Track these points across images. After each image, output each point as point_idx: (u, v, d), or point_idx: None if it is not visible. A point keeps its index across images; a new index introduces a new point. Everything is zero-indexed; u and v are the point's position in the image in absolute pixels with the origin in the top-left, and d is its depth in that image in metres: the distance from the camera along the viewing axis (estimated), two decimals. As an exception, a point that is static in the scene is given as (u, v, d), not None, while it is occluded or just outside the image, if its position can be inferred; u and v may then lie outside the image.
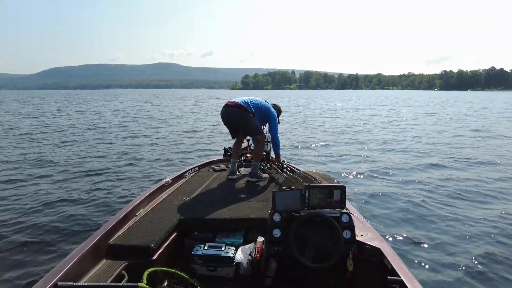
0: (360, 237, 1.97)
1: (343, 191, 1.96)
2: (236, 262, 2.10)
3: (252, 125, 3.31)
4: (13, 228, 3.78)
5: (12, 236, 3.60)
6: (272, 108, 3.55)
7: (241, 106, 3.26)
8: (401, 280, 1.53)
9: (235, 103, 3.28)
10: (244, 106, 3.27)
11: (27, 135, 11.86)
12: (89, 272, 1.72)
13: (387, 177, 6.05)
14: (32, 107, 30.05)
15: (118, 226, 2.12)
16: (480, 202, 4.73)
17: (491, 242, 3.53)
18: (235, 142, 3.60)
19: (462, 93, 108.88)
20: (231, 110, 3.29)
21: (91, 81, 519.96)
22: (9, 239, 3.52)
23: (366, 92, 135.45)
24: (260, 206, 2.55)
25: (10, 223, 3.93)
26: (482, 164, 7.14)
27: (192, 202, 2.68)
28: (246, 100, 3.35)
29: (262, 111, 3.43)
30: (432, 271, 3.01)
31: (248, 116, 3.28)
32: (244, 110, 3.26)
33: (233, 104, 3.28)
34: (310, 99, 48.82)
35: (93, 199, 4.80)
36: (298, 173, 2.45)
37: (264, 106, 3.46)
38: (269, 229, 1.96)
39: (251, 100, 3.40)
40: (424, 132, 12.59)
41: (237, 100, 3.31)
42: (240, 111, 3.26)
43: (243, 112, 3.26)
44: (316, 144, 10.00)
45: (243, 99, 3.36)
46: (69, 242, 3.47)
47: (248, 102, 3.34)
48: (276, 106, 3.76)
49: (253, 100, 3.40)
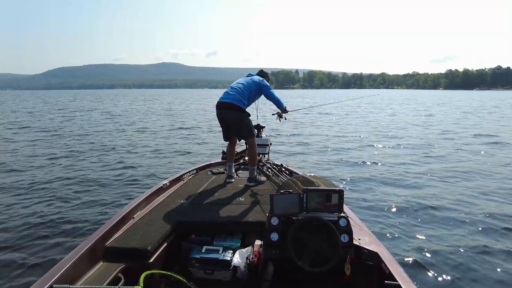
0: (358, 241, 1.96)
1: (341, 195, 1.95)
2: (233, 265, 2.08)
3: (247, 127, 3.29)
4: (9, 231, 3.79)
5: (8, 238, 3.61)
6: (258, 79, 3.43)
7: (235, 106, 3.20)
8: (399, 284, 1.52)
9: (231, 104, 3.20)
10: (238, 106, 3.20)
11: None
12: (86, 274, 1.72)
13: (385, 182, 5.99)
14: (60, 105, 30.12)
15: (115, 229, 2.11)
16: (480, 206, 4.66)
17: (491, 247, 3.49)
18: (229, 145, 3.54)
19: (469, 92, 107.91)
20: (228, 112, 3.25)
21: (95, 81, 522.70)
22: (5, 242, 3.53)
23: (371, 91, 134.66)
24: (258, 209, 2.54)
25: (5, 225, 3.93)
26: (484, 169, 7.05)
27: (190, 205, 2.67)
28: (237, 96, 3.23)
29: (253, 90, 3.35)
30: (429, 275, 2.99)
31: (243, 117, 3.25)
32: (238, 110, 3.21)
33: (229, 105, 3.21)
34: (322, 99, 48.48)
35: (90, 201, 4.80)
36: (296, 177, 2.44)
37: (253, 84, 3.36)
38: (266, 233, 1.95)
39: (240, 90, 3.28)
40: (426, 135, 12.51)
41: (230, 100, 3.21)
42: (236, 112, 3.22)
43: (239, 113, 3.22)
44: (314, 147, 9.97)
45: (234, 95, 3.24)
46: (65, 244, 3.47)
47: (241, 98, 3.23)
48: (263, 72, 3.63)
49: (241, 89, 3.29)
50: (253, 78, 3.45)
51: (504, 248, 3.45)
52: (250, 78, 3.44)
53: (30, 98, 57.65)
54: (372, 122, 16.66)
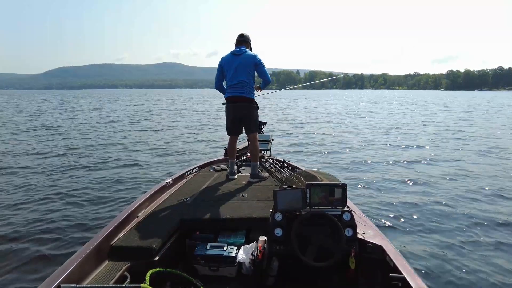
0: (362, 235, 1.96)
1: (344, 189, 1.96)
2: (238, 261, 2.09)
3: (255, 121, 3.40)
4: (15, 231, 3.79)
5: (14, 238, 3.61)
6: (254, 58, 3.31)
7: (248, 99, 3.29)
8: (404, 277, 1.53)
9: (245, 98, 3.28)
10: (251, 98, 3.31)
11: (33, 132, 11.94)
12: (92, 273, 1.72)
13: (389, 175, 6.03)
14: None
15: (120, 228, 2.12)
16: (484, 201, 4.70)
17: (495, 239, 3.52)
18: (230, 142, 3.54)
19: (470, 93, 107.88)
20: (240, 105, 3.32)
21: (96, 81, 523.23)
22: (12, 242, 3.54)
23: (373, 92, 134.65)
24: (261, 205, 2.55)
25: (12, 225, 3.94)
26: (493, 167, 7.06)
27: (194, 202, 2.68)
28: (248, 89, 3.26)
29: (253, 73, 3.34)
30: (434, 268, 3.00)
31: (253, 109, 3.36)
32: (250, 102, 3.32)
33: (243, 99, 3.29)
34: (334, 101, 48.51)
35: (94, 200, 4.81)
36: (299, 172, 2.44)
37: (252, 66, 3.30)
38: (270, 228, 1.96)
39: (248, 80, 3.27)
40: (431, 131, 12.51)
41: (244, 94, 3.27)
42: (247, 104, 3.31)
43: (250, 106, 3.32)
44: (319, 142, 9.98)
45: (245, 88, 3.26)
46: (71, 244, 3.48)
47: (250, 89, 3.29)
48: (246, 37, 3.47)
49: (248, 79, 3.27)
50: (247, 58, 3.30)
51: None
52: (244, 58, 3.29)
53: (39, 98, 57.64)
54: (375, 121, 16.67)
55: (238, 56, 3.32)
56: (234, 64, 3.29)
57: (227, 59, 3.36)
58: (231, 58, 3.34)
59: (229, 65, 3.32)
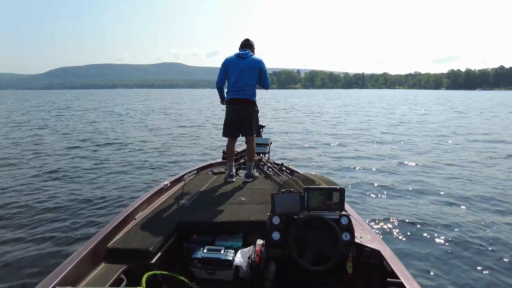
0: (360, 239, 1.96)
1: (342, 193, 1.95)
2: (235, 265, 2.07)
3: (254, 124, 3.44)
4: (11, 232, 3.78)
5: (10, 240, 3.60)
6: (259, 63, 3.34)
7: (251, 102, 3.34)
8: (401, 282, 1.52)
9: (248, 100, 3.32)
10: (253, 100, 3.36)
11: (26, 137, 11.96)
12: (88, 276, 1.71)
13: (387, 180, 5.99)
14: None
15: (116, 230, 2.11)
16: (483, 206, 4.64)
17: (493, 244, 3.49)
18: (229, 145, 3.54)
19: (472, 92, 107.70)
20: (243, 107, 3.34)
21: (96, 81, 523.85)
22: (7, 243, 3.52)
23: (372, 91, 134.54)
24: (259, 208, 2.54)
25: (8, 226, 3.93)
26: (491, 167, 7.05)
27: (191, 205, 2.67)
28: (251, 91, 3.33)
29: (256, 78, 3.36)
30: (432, 273, 2.99)
31: (255, 112, 3.42)
32: (252, 104, 3.36)
33: (246, 101, 3.32)
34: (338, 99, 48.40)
35: (92, 202, 4.80)
36: (297, 175, 2.43)
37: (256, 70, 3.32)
38: (268, 232, 1.95)
39: (252, 84, 3.31)
40: (426, 133, 12.49)
41: (247, 96, 3.31)
42: (249, 106, 3.35)
43: (252, 108, 3.37)
44: (316, 144, 9.96)
45: (249, 91, 3.31)
46: (67, 246, 3.46)
47: (253, 92, 3.36)
48: (251, 42, 3.48)
49: (252, 83, 3.31)
50: (253, 62, 3.32)
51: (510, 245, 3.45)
52: (250, 62, 3.31)
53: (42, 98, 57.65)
54: (374, 122, 16.66)
55: (243, 59, 3.33)
56: (240, 66, 3.30)
57: (232, 60, 3.36)
58: (236, 60, 3.34)
59: (234, 67, 3.32)
